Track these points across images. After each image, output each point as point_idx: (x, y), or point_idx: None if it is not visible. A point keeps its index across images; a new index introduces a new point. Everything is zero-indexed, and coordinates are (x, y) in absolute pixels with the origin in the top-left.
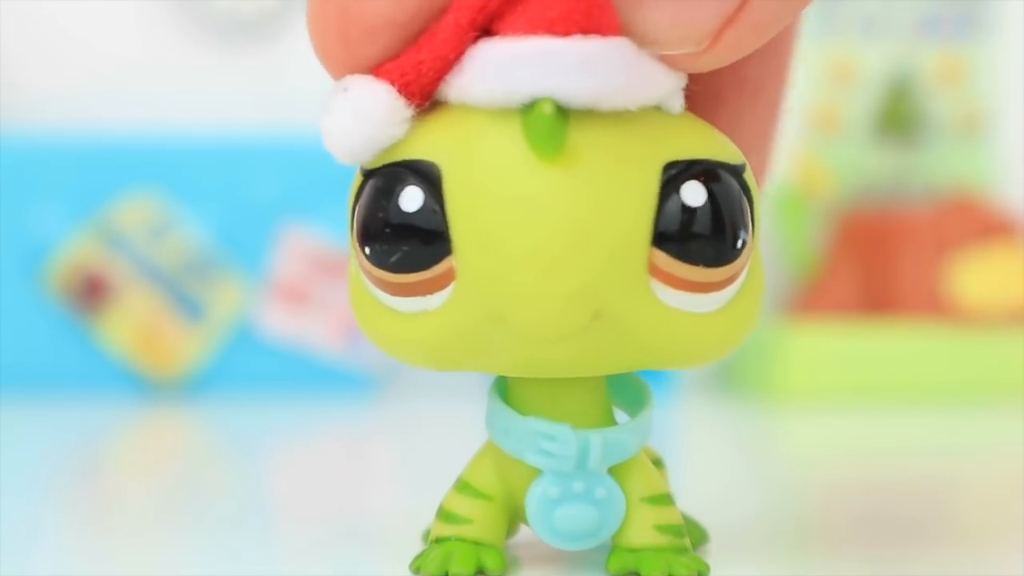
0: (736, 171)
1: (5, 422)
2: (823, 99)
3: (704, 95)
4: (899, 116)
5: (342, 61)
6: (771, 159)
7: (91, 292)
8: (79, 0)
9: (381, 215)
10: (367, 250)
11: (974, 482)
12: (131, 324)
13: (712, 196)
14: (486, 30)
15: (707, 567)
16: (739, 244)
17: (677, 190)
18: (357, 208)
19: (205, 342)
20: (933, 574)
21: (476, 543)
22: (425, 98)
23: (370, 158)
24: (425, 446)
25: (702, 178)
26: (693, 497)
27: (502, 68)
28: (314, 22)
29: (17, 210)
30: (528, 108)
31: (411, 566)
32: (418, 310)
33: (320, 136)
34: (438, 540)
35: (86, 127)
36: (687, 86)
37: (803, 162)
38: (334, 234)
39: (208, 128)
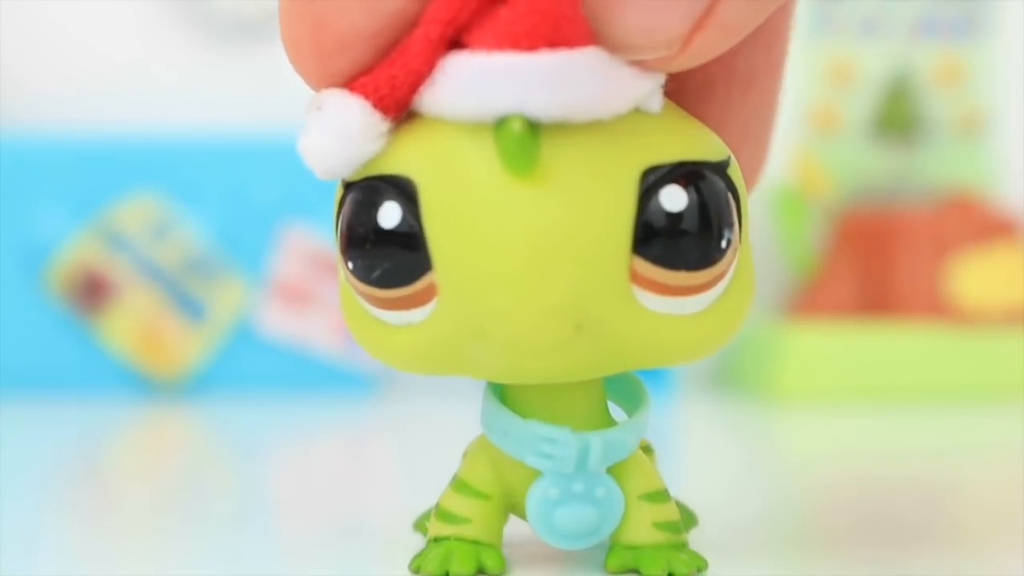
0: (719, 168)
1: (5, 422)
2: (822, 99)
3: (694, 87)
4: (898, 116)
5: (317, 73)
6: (766, 152)
7: (92, 292)
8: (79, 0)
9: (361, 230)
10: (350, 264)
11: (974, 482)
12: (132, 324)
13: (694, 198)
14: (457, 42)
15: (705, 563)
16: (724, 244)
17: (656, 195)
18: (339, 220)
19: (205, 342)
20: (933, 574)
21: (475, 542)
22: (400, 111)
23: (349, 173)
24: (424, 446)
25: (682, 181)
26: (692, 497)
27: (470, 84)
28: (287, 35)
29: (18, 210)
30: (498, 125)
31: (410, 566)
32: (403, 323)
33: None
34: (437, 539)
35: (86, 127)
36: (673, 81)
37: (802, 162)
38: (334, 234)
39: (208, 128)
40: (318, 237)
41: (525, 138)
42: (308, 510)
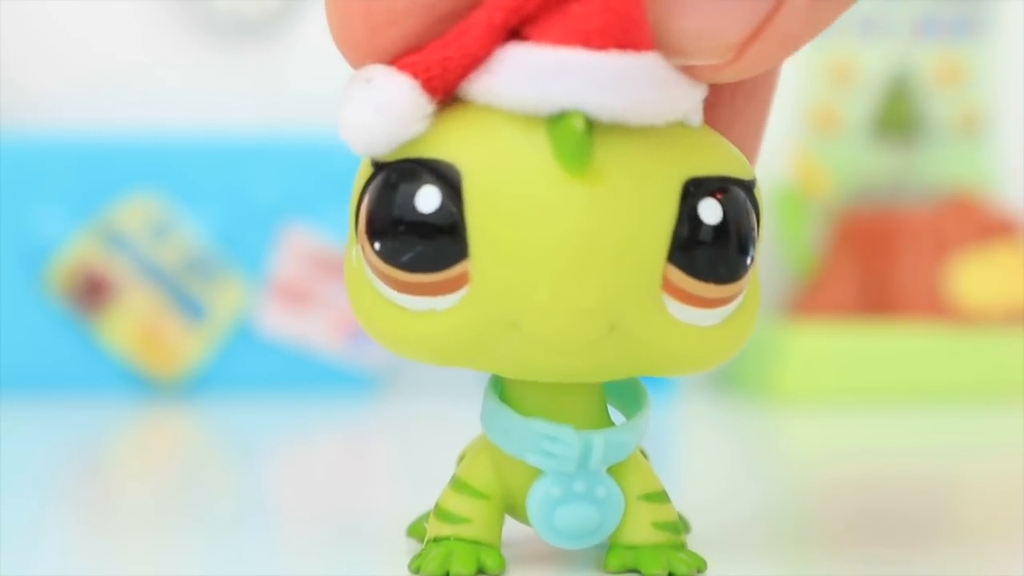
0: (748, 187)
1: (5, 422)
2: (822, 99)
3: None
4: (898, 116)
5: (364, 47)
6: (758, 153)
7: (92, 292)
8: (79, 0)
9: (395, 212)
10: (377, 245)
11: (974, 482)
12: (132, 324)
13: (728, 213)
14: (515, 32)
15: (704, 563)
16: (748, 261)
17: (695, 207)
18: (366, 201)
19: (205, 342)
20: (933, 574)
21: (475, 542)
22: (447, 94)
23: (387, 151)
24: (425, 446)
25: (719, 195)
26: (692, 497)
27: (535, 76)
28: (336, 7)
29: (18, 210)
30: (557, 120)
31: (410, 566)
32: (425, 309)
33: (320, 136)
34: (436, 540)
35: (86, 127)
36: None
37: (802, 162)
38: (334, 234)
39: (208, 128)
40: (318, 237)
41: (584, 136)
42: (308, 510)
